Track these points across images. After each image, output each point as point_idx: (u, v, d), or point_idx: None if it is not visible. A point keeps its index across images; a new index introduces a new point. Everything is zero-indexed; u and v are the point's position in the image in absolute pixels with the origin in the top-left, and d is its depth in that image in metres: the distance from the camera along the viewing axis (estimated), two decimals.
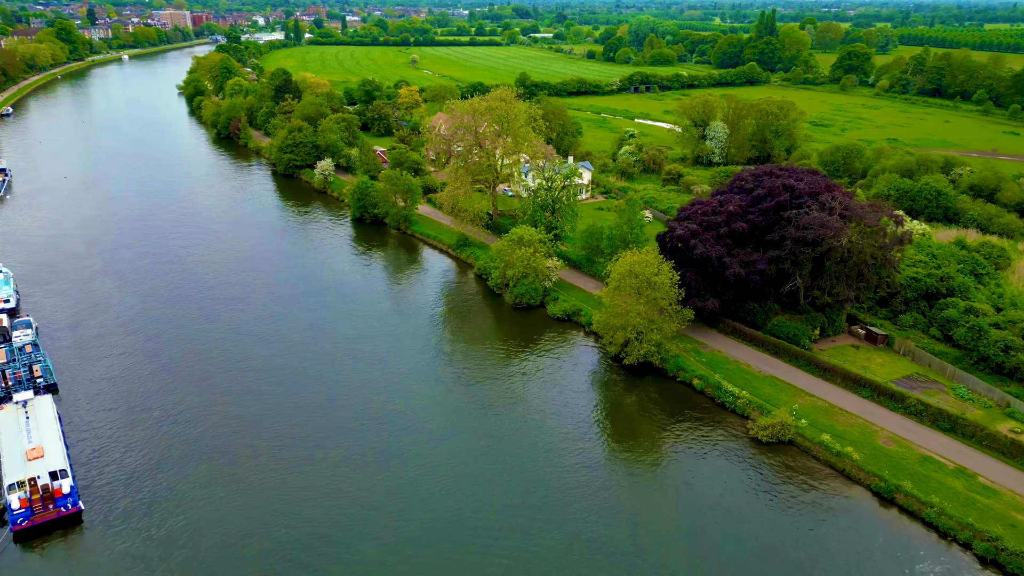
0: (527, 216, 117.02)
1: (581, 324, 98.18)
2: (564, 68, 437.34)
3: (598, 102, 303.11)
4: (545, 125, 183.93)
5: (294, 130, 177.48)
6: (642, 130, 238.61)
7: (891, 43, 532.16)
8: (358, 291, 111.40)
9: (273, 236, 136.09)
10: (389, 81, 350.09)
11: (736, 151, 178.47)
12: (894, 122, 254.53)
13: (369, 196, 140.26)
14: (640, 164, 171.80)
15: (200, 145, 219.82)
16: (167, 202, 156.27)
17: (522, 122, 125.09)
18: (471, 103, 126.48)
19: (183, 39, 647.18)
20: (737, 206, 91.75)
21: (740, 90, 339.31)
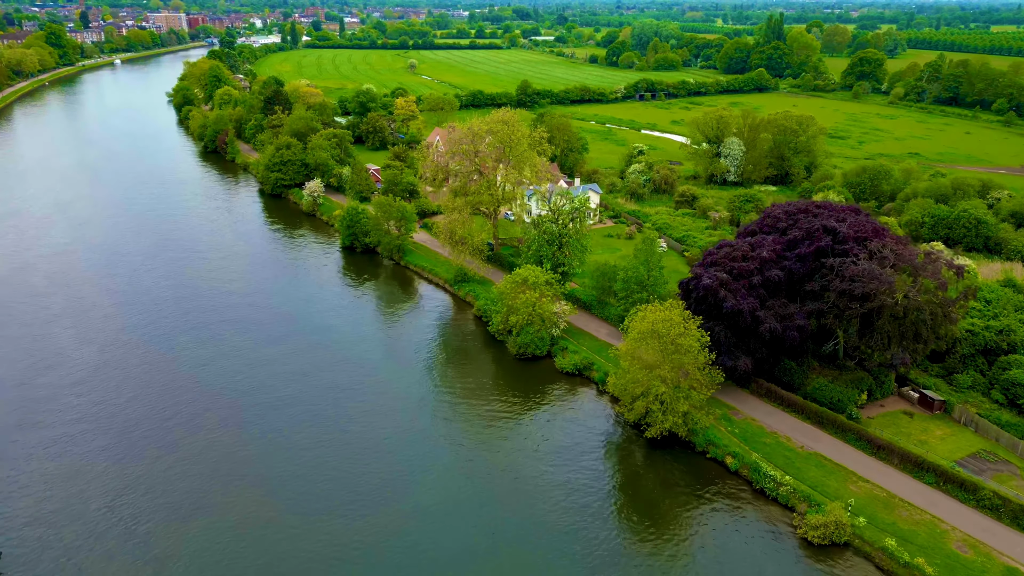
0: (532, 251, 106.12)
1: (593, 381, 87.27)
2: (566, 73, 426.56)
3: (603, 111, 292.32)
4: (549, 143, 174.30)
5: (282, 147, 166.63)
6: (650, 143, 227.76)
7: (899, 47, 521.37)
8: (347, 336, 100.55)
9: (256, 268, 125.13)
10: (386, 88, 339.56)
11: (752, 169, 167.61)
12: (912, 133, 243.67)
13: (360, 224, 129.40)
14: (650, 184, 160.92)
15: (185, 160, 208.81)
16: (143, 228, 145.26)
17: (525, 147, 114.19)
18: (471, 125, 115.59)
19: (178, 42, 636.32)
20: (771, 251, 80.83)
21: (748, 97, 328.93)
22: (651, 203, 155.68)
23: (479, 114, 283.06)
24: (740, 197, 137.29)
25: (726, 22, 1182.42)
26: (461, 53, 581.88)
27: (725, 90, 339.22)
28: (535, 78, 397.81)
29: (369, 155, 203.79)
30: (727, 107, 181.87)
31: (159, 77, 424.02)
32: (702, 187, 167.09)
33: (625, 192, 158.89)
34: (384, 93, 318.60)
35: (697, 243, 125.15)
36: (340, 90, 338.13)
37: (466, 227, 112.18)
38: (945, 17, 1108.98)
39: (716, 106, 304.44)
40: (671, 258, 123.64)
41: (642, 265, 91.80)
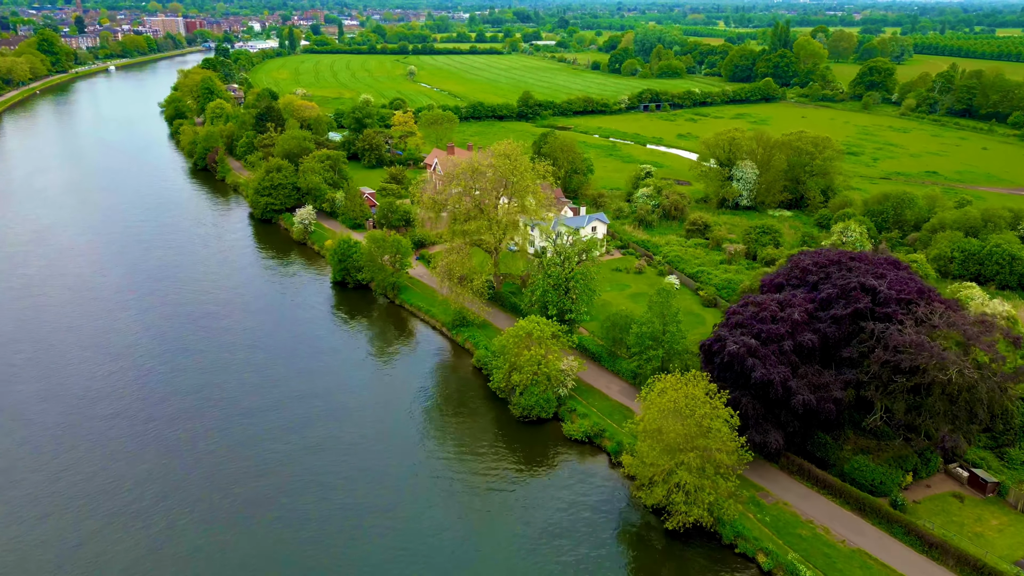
0: (536, 296, 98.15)
1: (605, 450, 79.29)
2: (568, 81, 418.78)
3: (606, 123, 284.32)
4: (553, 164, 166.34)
5: (272, 170, 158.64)
6: (656, 159, 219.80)
7: (906, 53, 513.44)
8: (336, 385, 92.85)
9: (242, 306, 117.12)
10: (384, 98, 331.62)
11: (766, 193, 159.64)
12: (927, 149, 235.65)
13: (352, 258, 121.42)
14: (659, 210, 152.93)
15: (174, 179, 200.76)
16: (123, 259, 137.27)
17: (528, 181, 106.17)
18: (470, 160, 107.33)
19: (174, 47, 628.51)
20: (803, 311, 72.83)
21: (755, 108, 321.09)
22: (660, 231, 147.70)
23: (479, 127, 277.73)
24: (756, 228, 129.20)
25: (728, 24, 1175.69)
26: (461, 58, 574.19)
27: (731, 100, 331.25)
28: (536, 86, 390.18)
29: (365, 173, 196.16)
30: (738, 128, 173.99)
31: (154, 84, 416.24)
32: (713, 212, 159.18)
33: (633, 219, 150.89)
34: (382, 103, 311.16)
35: (712, 280, 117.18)
36: (337, 100, 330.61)
37: (465, 266, 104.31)
38: (949, 20, 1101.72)
39: (723, 117, 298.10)
40: (684, 296, 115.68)
41: (657, 318, 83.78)
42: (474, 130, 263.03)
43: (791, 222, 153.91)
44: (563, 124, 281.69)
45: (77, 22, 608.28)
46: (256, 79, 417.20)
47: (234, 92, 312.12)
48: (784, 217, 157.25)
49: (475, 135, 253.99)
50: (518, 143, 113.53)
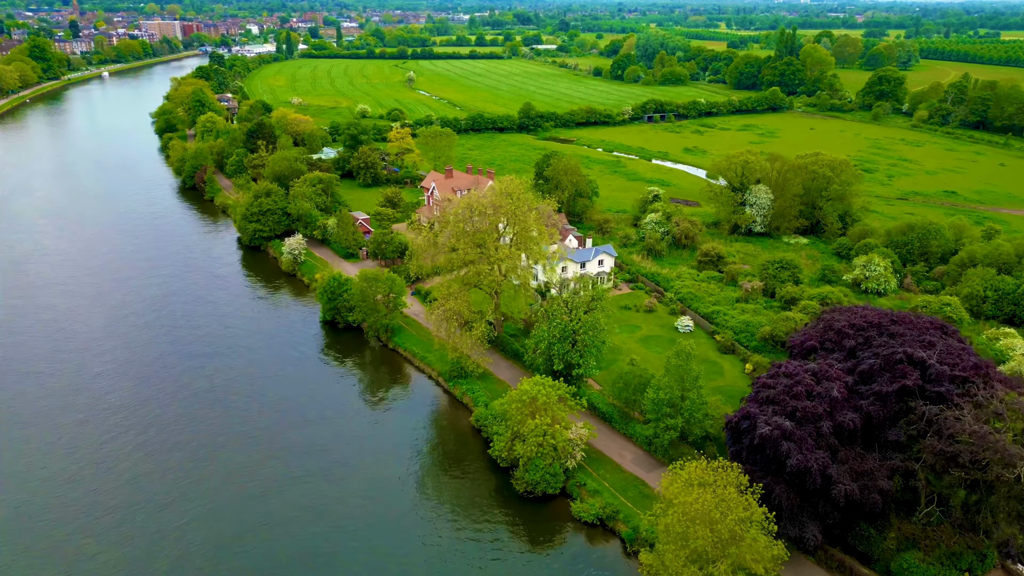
0: (541, 349, 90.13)
1: (618, 535, 71.27)
2: (570, 88, 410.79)
3: (610, 135, 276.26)
4: (556, 188, 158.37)
5: (261, 194, 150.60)
6: (662, 176, 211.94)
7: (913, 59, 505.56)
8: (322, 440, 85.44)
9: (223, 351, 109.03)
10: (382, 107, 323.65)
11: (781, 219, 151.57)
12: (943, 165, 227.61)
13: (342, 297, 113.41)
14: (669, 237, 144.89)
15: (162, 198, 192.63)
16: (98, 296, 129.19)
17: (531, 222, 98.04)
18: (468, 200, 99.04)
19: (170, 51, 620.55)
20: (841, 386, 64.83)
21: (762, 118, 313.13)
22: (671, 260, 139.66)
23: (479, 140, 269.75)
24: (774, 263, 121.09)
25: (729, 27, 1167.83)
26: (461, 63, 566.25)
27: (738, 110, 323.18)
28: (537, 94, 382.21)
29: (360, 193, 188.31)
30: (750, 150, 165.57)
31: (147, 91, 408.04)
32: (725, 238, 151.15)
33: (641, 247, 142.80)
34: (380, 113, 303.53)
35: (728, 322, 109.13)
36: (334, 110, 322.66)
37: (463, 312, 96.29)
38: (952, 22, 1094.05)
39: (729, 128, 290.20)
40: (699, 340, 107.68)
41: (675, 383, 75.74)
42: (474, 143, 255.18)
43: (808, 250, 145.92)
44: (565, 136, 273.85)
45: (71, 26, 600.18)
46: (252, 86, 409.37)
47: (227, 102, 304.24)
48: (800, 245, 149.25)
49: (475, 148, 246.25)
50: (520, 179, 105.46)
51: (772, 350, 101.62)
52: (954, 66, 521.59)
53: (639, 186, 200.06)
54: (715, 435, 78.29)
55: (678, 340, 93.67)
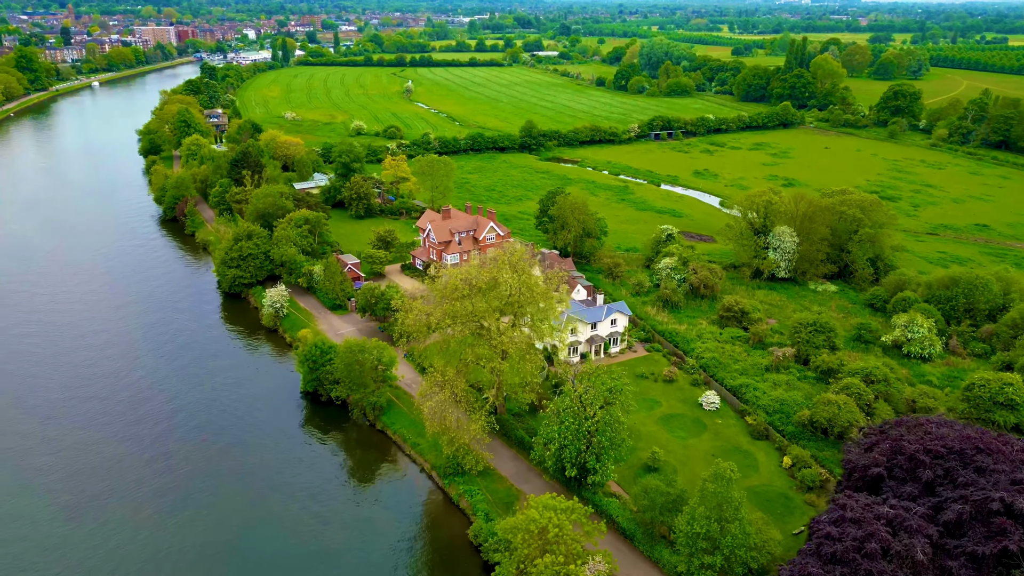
0: (552, 451, 77.95)
1: None
2: (573, 99, 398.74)
3: (616, 154, 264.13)
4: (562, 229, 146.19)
5: (242, 237, 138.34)
6: (673, 205, 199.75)
7: (923, 67, 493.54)
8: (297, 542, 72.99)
9: (191, 422, 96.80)
10: (379, 122, 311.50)
11: (807, 263, 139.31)
12: (969, 191, 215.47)
13: (325, 368, 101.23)
14: (686, 286, 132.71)
15: (139, 232, 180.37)
16: (60, 357, 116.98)
17: (539, 298, 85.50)
18: (465, 274, 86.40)
19: (164, 58, 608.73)
20: (926, 545, 52.54)
21: (774, 135, 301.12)
22: (689, 313, 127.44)
23: (480, 162, 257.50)
24: (807, 326, 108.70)
25: (732, 30, 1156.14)
26: (461, 71, 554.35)
27: (748, 126, 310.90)
28: (539, 106, 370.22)
29: (352, 226, 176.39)
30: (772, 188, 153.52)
31: (138, 102, 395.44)
32: (747, 285, 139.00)
33: (656, 298, 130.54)
34: (376, 130, 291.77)
35: (760, 400, 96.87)
36: (328, 125, 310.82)
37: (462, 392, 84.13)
38: (957, 26, 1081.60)
39: (740, 147, 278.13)
40: (727, 420, 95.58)
41: (712, 512, 63.48)
42: (473, 165, 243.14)
43: (838, 300, 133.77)
44: (569, 156, 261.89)
45: (63, 33, 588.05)
46: (245, 98, 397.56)
47: (217, 118, 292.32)
48: (828, 292, 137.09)
49: (475, 172, 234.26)
50: (524, 246, 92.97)
51: (812, 438, 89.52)
52: (965, 75, 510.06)
53: (649, 217, 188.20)
54: (762, 570, 66.13)
55: (704, 421, 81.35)
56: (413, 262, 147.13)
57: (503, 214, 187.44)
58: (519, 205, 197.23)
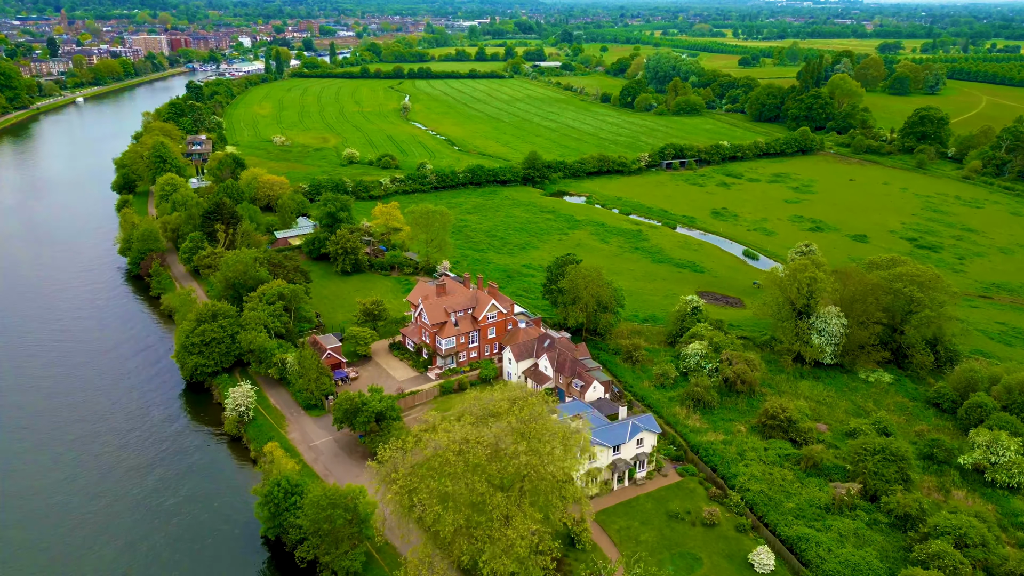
0: None
1: None
2: (577, 118, 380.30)
3: (626, 188, 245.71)
4: (573, 304, 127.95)
5: (205, 318, 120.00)
6: (691, 255, 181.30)
7: (940, 82, 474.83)
8: None
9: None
10: (373, 147, 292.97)
11: (856, 349, 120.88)
12: (1016, 237, 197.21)
13: (288, 514, 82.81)
14: (719, 377, 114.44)
15: (99, 293, 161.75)
16: None
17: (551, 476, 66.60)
18: (460, 440, 67.41)
19: (153, 69, 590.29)
20: None
21: (793, 163, 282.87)
22: (723, 414, 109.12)
23: (480, 198, 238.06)
24: (873, 454, 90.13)
25: (736, 35, 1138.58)
26: (460, 84, 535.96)
27: (764, 153, 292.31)
28: (542, 126, 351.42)
29: (336, 284, 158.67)
30: (814, 259, 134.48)
31: (123, 120, 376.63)
32: (788, 373, 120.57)
33: (684, 394, 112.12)
34: (369, 158, 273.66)
35: (826, 563, 78.27)
36: (319, 152, 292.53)
37: None
38: (964, 31, 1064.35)
39: (759, 179, 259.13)
40: None
41: None
42: (473, 203, 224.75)
43: (895, 396, 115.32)
44: (576, 191, 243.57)
45: (49, 44, 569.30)
46: (235, 117, 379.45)
47: (200, 146, 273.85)
48: (882, 384, 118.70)
49: (474, 212, 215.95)
50: (530, 394, 74.14)
51: None
52: (983, 89, 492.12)
53: (667, 272, 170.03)
54: None
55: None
56: (403, 340, 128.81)
57: (506, 268, 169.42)
58: (523, 256, 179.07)
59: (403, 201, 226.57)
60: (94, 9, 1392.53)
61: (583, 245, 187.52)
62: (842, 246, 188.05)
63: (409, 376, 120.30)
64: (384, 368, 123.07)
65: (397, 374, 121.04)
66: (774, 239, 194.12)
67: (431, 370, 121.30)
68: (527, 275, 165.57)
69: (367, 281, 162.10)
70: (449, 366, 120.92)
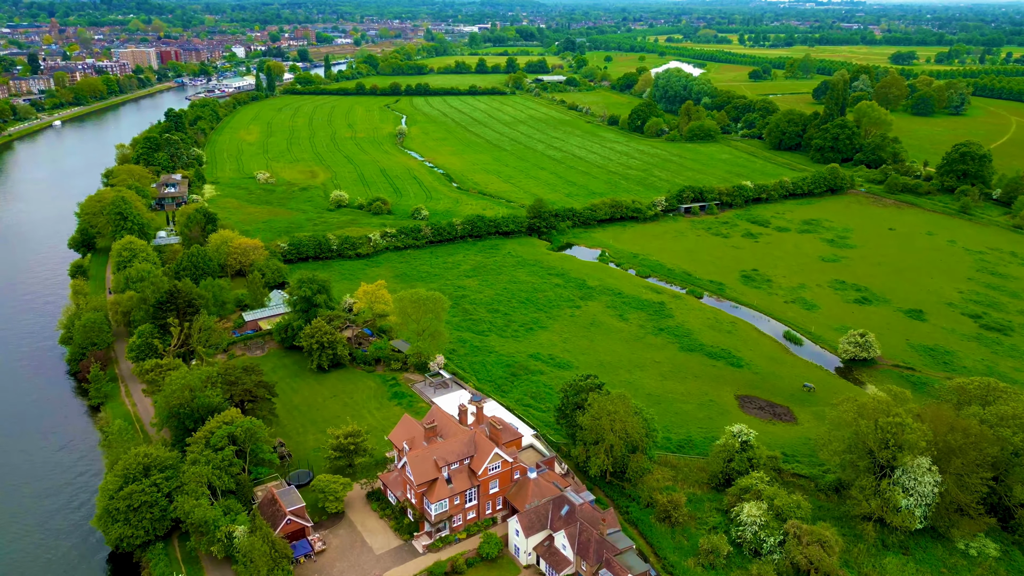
0: None
1: None
2: (584, 145, 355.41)
3: (641, 239, 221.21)
4: (595, 445, 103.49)
5: (132, 473, 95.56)
6: (725, 339, 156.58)
7: (965, 102, 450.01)
8: None
9: None
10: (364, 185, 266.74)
11: (954, 512, 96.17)
12: None
13: None
14: (783, 558, 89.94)
15: (28, 395, 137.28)
16: None
17: None
18: None
19: (140, 85, 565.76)
20: None
21: (822, 205, 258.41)
22: None
23: (481, 255, 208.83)
24: None
25: (742, 41, 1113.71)
26: (460, 102, 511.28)
27: (791, 194, 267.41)
28: (546, 155, 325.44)
29: (310, 386, 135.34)
30: (890, 403, 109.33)
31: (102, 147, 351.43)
32: (867, 542, 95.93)
33: None
34: (359, 202, 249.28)
35: None
36: (305, 192, 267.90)
37: None
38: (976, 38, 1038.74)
39: (789, 228, 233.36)
40: None
41: None
42: (473, 262, 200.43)
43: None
44: (586, 243, 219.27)
45: (31, 60, 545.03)
46: (219, 145, 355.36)
47: (174, 189, 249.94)
48: (987, 558, 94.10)
49: (474, 273, 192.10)
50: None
51: None
52: (1010, 108, 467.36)
53: (698, 366, 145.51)
54: None
55: None
56: (384, 491, 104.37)
57: (510, 361, 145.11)
58: (531, 340, 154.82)
59: (394, 259, 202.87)
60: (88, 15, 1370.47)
61: (599, 324, 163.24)
62: (897, 326, 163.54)
63: (391, 546, 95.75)
64: (359, 532, 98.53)
65: (376, 542, 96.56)
66: (817, 315, 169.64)
67: (418, 537, 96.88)
68: (535, 371, 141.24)
69: (347, 380, 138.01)
70: (441, 534, 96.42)
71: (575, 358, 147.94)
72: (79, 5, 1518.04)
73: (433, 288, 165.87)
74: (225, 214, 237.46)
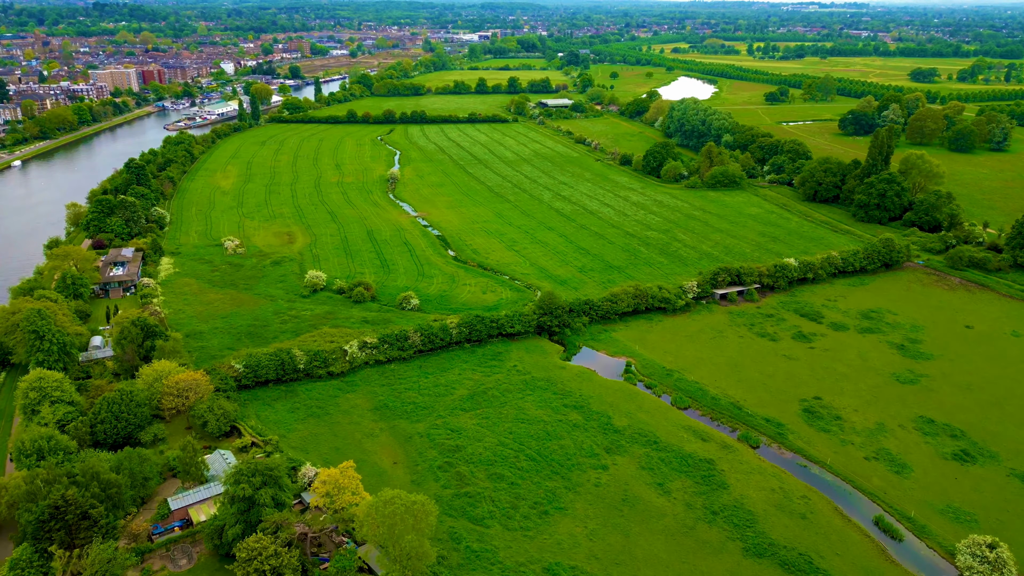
0: None
1: None
2: (595, 192, 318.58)
3: (671, 339, 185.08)
4: None
5: None
6: (801, 536, 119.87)
7: (1008, 137, 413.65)
8: None
9: None
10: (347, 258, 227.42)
11: None
12: None
13: None
14: None
15: None
16: None
17: None
18: None
19: (116, 112, 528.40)
20: None
21: (878, 285, 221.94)
22: None
23: (481, 370, 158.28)
24: None
25: (750, 51, 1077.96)
26: (458, 133, 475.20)
27: (840, 271, 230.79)
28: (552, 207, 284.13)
29: None
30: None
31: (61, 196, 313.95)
32: None
33: None
34: (338, 285, 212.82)
35: None
36: (278, 266, 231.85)
37: None
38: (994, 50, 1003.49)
39: (846, 326, 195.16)
40: None
41: None
42: (471, 381, 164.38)
43: None
44: (606, 348, 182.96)
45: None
46: (189, 192, 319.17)
47: (122, 271, 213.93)
48: None
49: (471, 402, 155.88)
50: None
51: None
52: None
53: None
54: None
55: None
56: None
57: (521, 566, 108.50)
58: (546, 531, 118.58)
59: (374, 378, 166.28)
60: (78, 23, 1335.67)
61: (633, 502, 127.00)
62: (1018, 508, 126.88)
63: None
64: None
65: None
66: (911, 483, 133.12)
67: None
68: None
69: None
70: None
71: (606, 571, 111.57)
72: (70, 12, 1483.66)
73: (420, 429, 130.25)
74: (179, 305, 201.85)
